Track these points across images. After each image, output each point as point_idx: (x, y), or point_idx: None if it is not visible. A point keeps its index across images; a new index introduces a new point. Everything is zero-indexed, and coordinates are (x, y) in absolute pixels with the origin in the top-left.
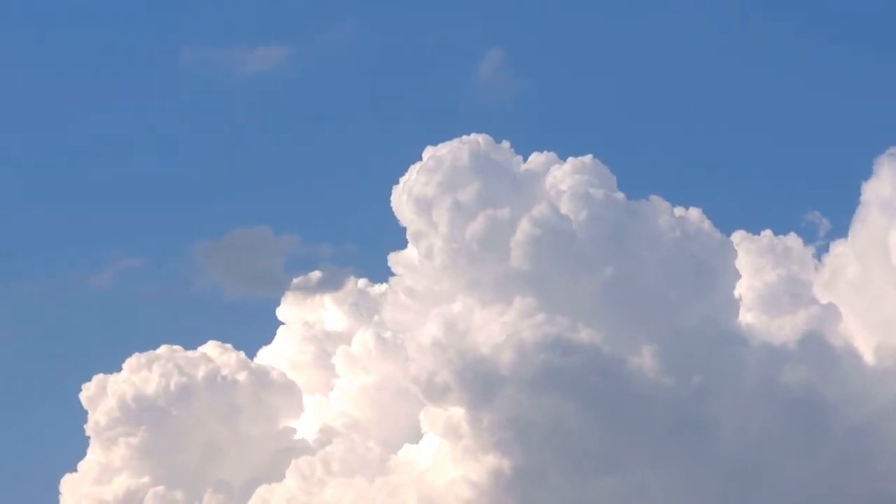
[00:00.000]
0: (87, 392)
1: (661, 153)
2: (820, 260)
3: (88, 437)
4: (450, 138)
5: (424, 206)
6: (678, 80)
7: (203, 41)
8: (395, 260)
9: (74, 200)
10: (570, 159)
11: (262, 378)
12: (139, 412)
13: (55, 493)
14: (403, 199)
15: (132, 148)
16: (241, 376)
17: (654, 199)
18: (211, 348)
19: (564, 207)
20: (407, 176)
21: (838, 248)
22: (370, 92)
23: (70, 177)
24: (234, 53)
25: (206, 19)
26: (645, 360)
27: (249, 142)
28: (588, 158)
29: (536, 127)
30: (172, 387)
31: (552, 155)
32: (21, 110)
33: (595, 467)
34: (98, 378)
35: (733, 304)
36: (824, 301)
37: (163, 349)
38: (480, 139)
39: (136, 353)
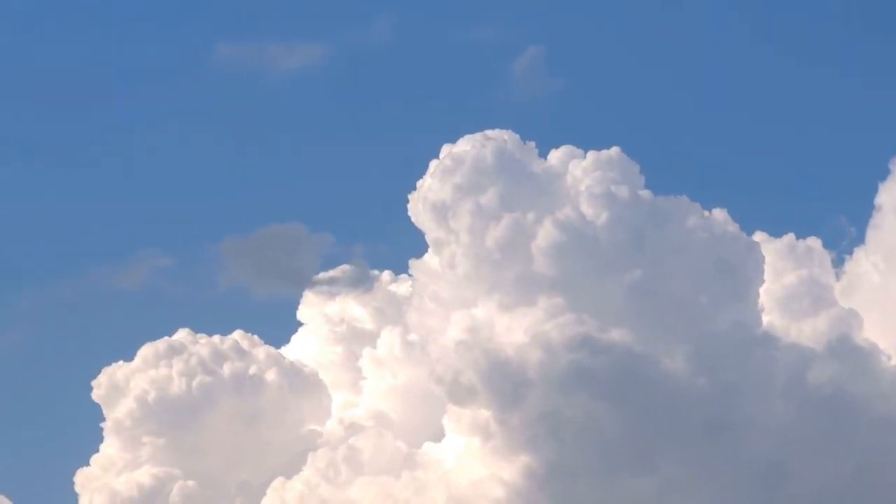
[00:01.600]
0: (105, 380)
1: (685, 153)
2: (842, 264)
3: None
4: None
5: (443, 212)
6: (700, 81)
7: (238, 37)
8: (416, 266)
9: (104, 196)
10: (594, 153)
11: (289, 374)
12: (161, 406)
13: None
14: (420, 207)
15: (164, 143)
16: (268, 372)
17: (681, 199)
18: (239, 338)
19: (589, 208)
20: (423, 181)
21: (859, 253)
22: (406, 90)
23: (100, 171)
24: (269, 50)
25: (242, 15)
26: (674, 360)
27: (284, 139)
28: (614, 151)
29: (570, 125)
30: (196, 383)
31: (577, 150)
32: (52, 103)
33: (624, 467)
34: (113, 368)
35: (761, 306)
36: (845, 304)
37: (183, 334)
38: (506, 136)
39: (153, 343)
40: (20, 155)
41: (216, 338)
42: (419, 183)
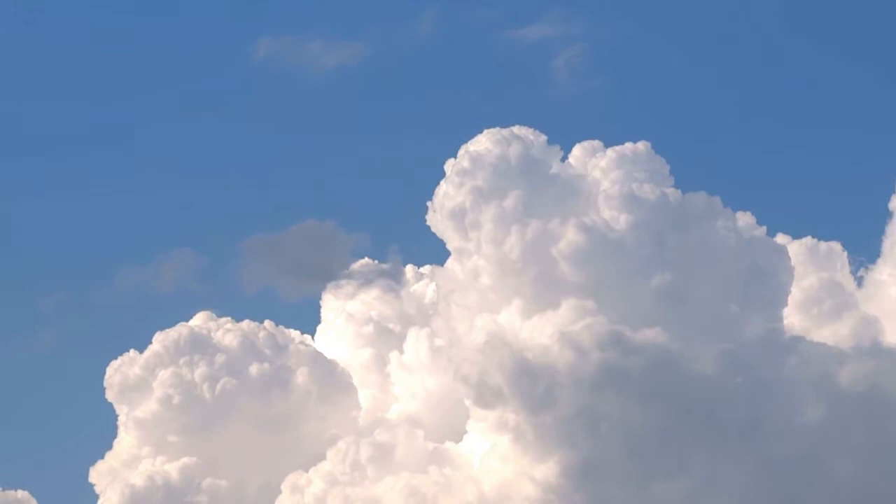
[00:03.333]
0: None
1: (708, 153)
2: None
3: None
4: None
5: (463, 220)
6: (719, 81)
7: (281, 32)
8: (440, 274)
9: (138, 192)
10: (619, 148)
11: (317, 369)
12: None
13: None
14: (438, 215)
15: (203, 136)
16: (297, 364)
17: (713, 199)
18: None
19: (616, 211)
20: (440, 188)
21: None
22: (446, 88)
23: (138, 166)
24: (311, 46)
25: (285, 11)
26: (706, 361)
27: (323, 135)
28: (642, 146)
29: (605, 123)
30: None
31: (600, 144)
32: (87, 99)
33: (655, 466)
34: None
35: (786, 305)
36: (864, 307)
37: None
38: (529, 133)
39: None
40: (51, 153)
41: (245, 323)
42: (436, 190)
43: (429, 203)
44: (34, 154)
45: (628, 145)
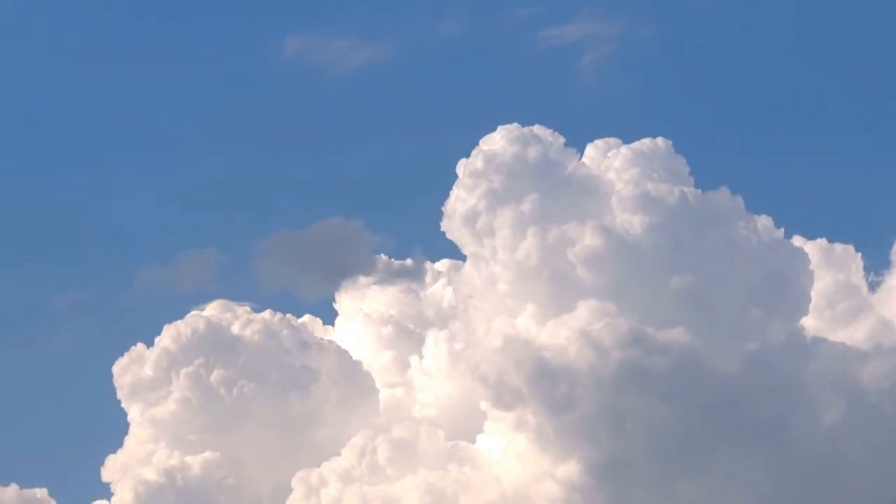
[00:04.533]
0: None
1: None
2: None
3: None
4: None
5: (478, 225)
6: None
7: (309, 30)
8: (457, 279)
9: (164, 190)
10: (637, 144)
11: (338, 366)
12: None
13: None
14: (452, 221)
15: (228, 132)
16: (320, 360)
17: (736, 201)
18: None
19: (634, 213)
20: (453, 192)
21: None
22: (473, 86)
23: (161, 162)
24: (339, 44)
25: (315, 8)
26: (728, 361)
27: (349, 134)
28: (661, 142)
29: (628, 122)
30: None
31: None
32: (111, 95)
33: (678, 465)
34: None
35: (808, 308)
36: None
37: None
38: (546, 133)
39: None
40: (72, 151)
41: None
42: (450, 194)
43: (443, 208)
44: (56, 151)
45: (646, 142)
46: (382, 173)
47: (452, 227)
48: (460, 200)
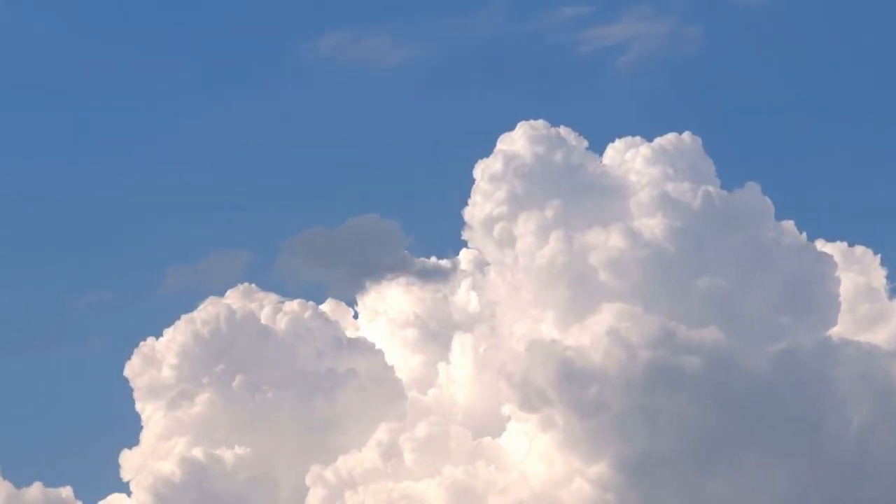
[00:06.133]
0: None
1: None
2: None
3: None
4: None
5: (500, 230)
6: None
7: (346, 26)
8: (480, 285)
9: (202, 183)
10: (663, 139)
11: (363, 364)
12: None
13: None
14: (474, 231)
15: (262, 129)
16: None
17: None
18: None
19: (657, 214)
20: (472, 199)
21: None
22: (509, 85)
23: (191, 160)
24: (377, 41)
25: (352, 5)
26: (758, 361)
27: (385, 132)
28: (687, 136)
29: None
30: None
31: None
32: (141, 89)
33: (706, 465)
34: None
35: (836, 318)
36: None
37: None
38: (570, 136)
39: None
40: (100, 148)
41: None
42: (469, 202)
43: (463, 212)
44: (85, 151)
45: (671, 138)
46: (415, 171)
47: (472, 234)
48: (479, 206)
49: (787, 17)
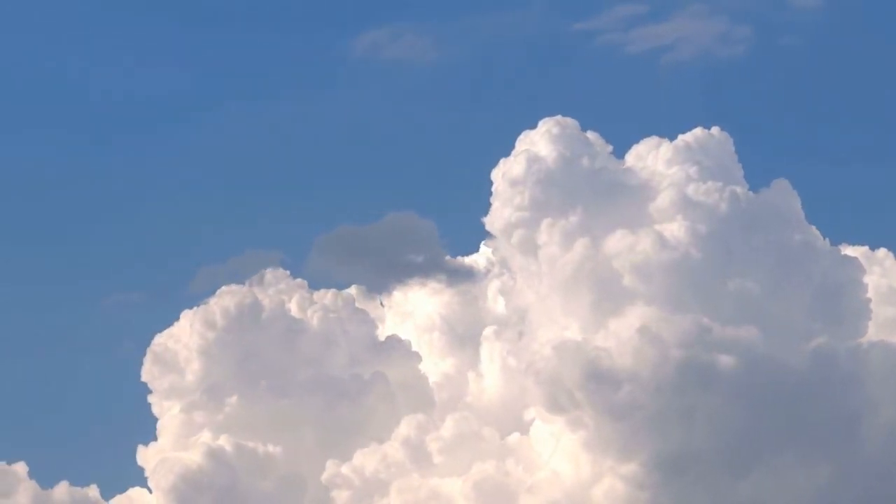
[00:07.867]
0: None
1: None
2: None
3: None
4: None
5: (523, 236)
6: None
7: (383, 24)
8: (508, 290)
9: (233, 181)
10: (690, 135)
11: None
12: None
13: None
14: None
15: (295, 129)
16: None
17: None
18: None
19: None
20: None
21: None
22: (543, 85)
23: (227, 158)
24: (414, 39)
25: (389, 2)
26: (798, 359)
27: (422, 132)
28: (716, 131)
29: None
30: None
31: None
32: (174, 88)
33: (741, 463)
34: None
35: (868, 326)
36: None
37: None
38: (596, 139)
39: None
40: (132, 146)
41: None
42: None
43: (483, 220)
44: (116, 148)
45: (699, 133)
46: (451, 170)
47: (495, 243)
48: (499, 214)
49: (841, 19)
